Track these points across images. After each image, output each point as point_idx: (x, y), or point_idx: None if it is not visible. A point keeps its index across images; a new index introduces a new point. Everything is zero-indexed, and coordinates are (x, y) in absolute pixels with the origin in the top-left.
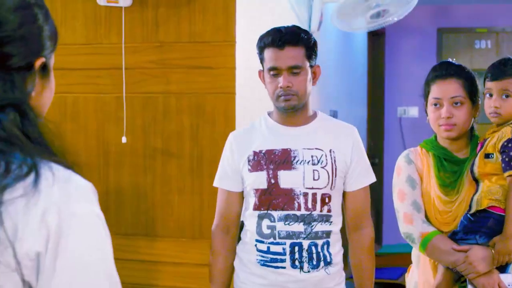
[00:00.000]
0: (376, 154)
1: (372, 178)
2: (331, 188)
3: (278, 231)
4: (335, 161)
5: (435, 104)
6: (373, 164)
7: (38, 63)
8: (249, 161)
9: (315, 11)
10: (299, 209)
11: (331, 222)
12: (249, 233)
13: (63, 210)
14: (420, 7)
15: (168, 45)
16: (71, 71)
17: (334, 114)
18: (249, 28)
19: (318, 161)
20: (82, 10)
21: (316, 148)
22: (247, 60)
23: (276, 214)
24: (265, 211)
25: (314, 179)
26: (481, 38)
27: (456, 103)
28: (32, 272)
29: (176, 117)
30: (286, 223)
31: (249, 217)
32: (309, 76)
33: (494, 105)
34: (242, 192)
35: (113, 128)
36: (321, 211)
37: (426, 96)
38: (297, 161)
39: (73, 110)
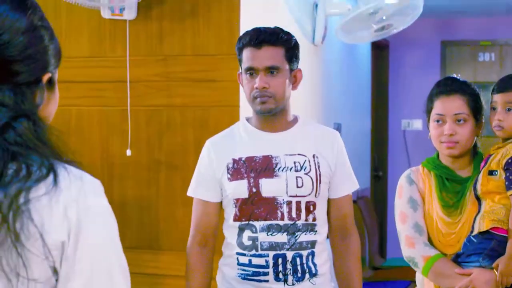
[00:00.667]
0: (380, 167)
1: (356, 185)
2: (315, 195)
3: (260, 242)
4: (319, 166)
5: (438, 121)
6: (377, 177)
7: (45, 78)
8: (228, 169)
9: (319, 24)
10: (282, 218)
11: (316, 231)
12: (230, 246)
13: (81, 205)
14: (424, 20)
15: (172, 58)
16: (76, 84)
17: (338, 127)
18: None
19: (301, 167)
20: (86, 23)
21: (299, 154)
22: None
23: (258, 224)
24: (247, 222)
25: (297, 187)
26: (485, 50)
27: (459, 120)
28: (58, 259)
29: (180, 130)
30: (269, 233)
31: (229, 228)
32: (288, 78)
33: (497, 118)
34: (220, 202)
35: (117, 141)
36: (306, 220)
37: (428, 112)
38: (279, 168)
39: (77, 123)
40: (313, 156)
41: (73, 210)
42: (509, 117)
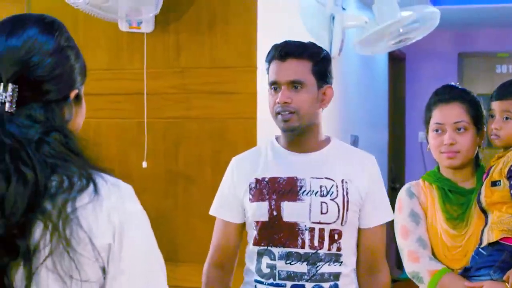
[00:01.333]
0: (398, 179)
1: (390, 215)
2: (341, 223)
3: (278, 271)
4: (347, 193)
5: (437, 130)
6: (394, 189)
7: (73, 94)
8: (250, 189)
9: (335, 36)
10: (302, 246)
11: (341, 262)
12: (250, 272)
13: (121, 210)
14: (441, 32)
15: (189, 71)
16: (93, 96)
17: (355, 140)
18: None
19: (328, 192)
20: (104, 36)
21: (326, 178)
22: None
23: (276, 251)
24: (265, 247)
25: (321, 213)
26: (502, 62)
27: (460, 129)
28: (106, 260)
29: (197, 142)
30: (287, 262)
31: (249, 253)
32: (315, 95)
33: (494, 127)
34: (243, 223)
35: (135, 153)
36: (329, 249)
37: (427, 122)
38: (303, 192)
39: (95, 135)
40: (342, 181)
41: (115, 215)
42: (507, 126)
